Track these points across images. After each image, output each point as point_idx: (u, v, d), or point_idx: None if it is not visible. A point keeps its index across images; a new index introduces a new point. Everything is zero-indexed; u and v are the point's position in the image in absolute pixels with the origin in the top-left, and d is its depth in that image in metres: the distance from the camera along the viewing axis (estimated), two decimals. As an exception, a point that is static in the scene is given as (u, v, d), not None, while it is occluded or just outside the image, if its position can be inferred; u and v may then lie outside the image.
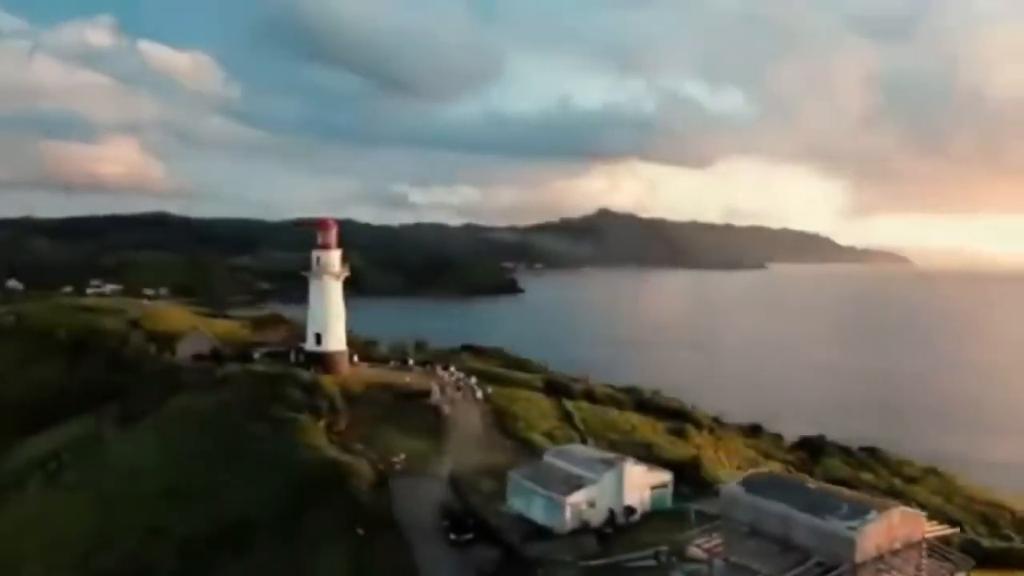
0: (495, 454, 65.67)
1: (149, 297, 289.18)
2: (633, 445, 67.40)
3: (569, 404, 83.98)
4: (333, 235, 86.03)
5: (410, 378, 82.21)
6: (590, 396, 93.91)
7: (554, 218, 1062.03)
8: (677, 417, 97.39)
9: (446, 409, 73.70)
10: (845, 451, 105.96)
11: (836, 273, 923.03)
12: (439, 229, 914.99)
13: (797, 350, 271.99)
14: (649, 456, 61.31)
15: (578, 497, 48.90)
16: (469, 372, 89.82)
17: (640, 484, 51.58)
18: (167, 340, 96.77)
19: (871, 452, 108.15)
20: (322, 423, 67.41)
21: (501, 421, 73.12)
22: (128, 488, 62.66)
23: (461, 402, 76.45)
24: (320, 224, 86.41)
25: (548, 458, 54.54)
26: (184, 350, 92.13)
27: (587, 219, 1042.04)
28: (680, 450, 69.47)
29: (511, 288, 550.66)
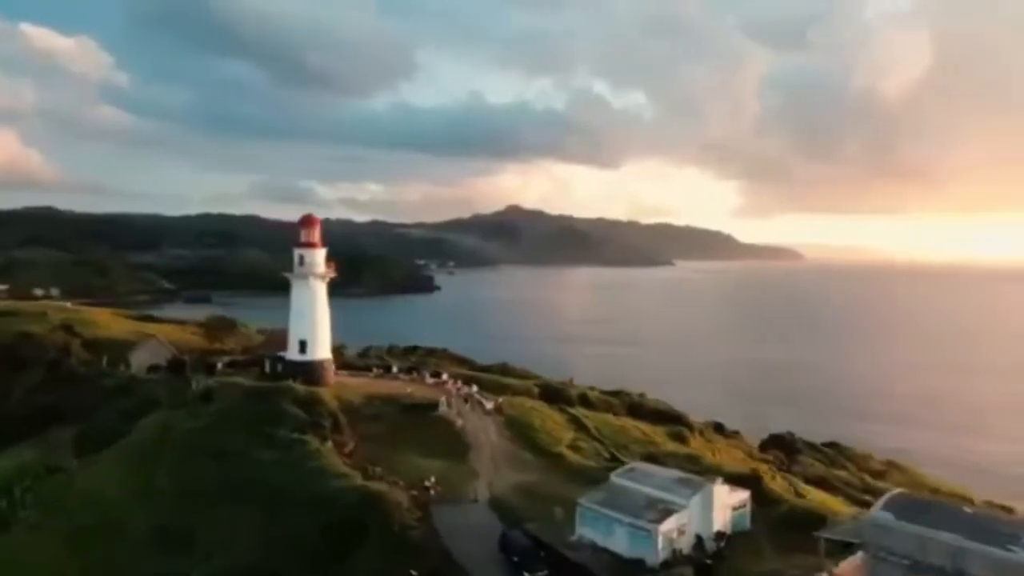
0: (528, 472, 59.81)
1: (38, 298, 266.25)
2: (676, 458, 62.88)
3: (575, 412, 79.12)
4: (318, 232, 77.80)
5: (411, 388, 75.07)
6: (585, 401, 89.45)
7: (465, 215, 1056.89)
8: (670, 420, 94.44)
9: (459, 422, 67.25)
10: (811, 447, 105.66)
11: (738, 269, 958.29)
12: (347, 226, 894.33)
13: (719, 344, 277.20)
14: (702, 471, 56.95)
15: (670, 524, 43.78)
16: (455, 379, 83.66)
17: (724, 505, 47.03)
18: (115, 349, 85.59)
19: (835, 447, 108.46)
20: (330, 444, 59.71)
21: (520, 434, 67.18)
22: (109, 529, 53.21)
23: (471, 414, 70.08)
24: (303, 221, 77.97)
25: (618, 480, 49.14)
26: (139, 361, 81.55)
27: (498, 216, 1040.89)
28: (734, 463, 65.63)
29: (427, 286, 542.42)
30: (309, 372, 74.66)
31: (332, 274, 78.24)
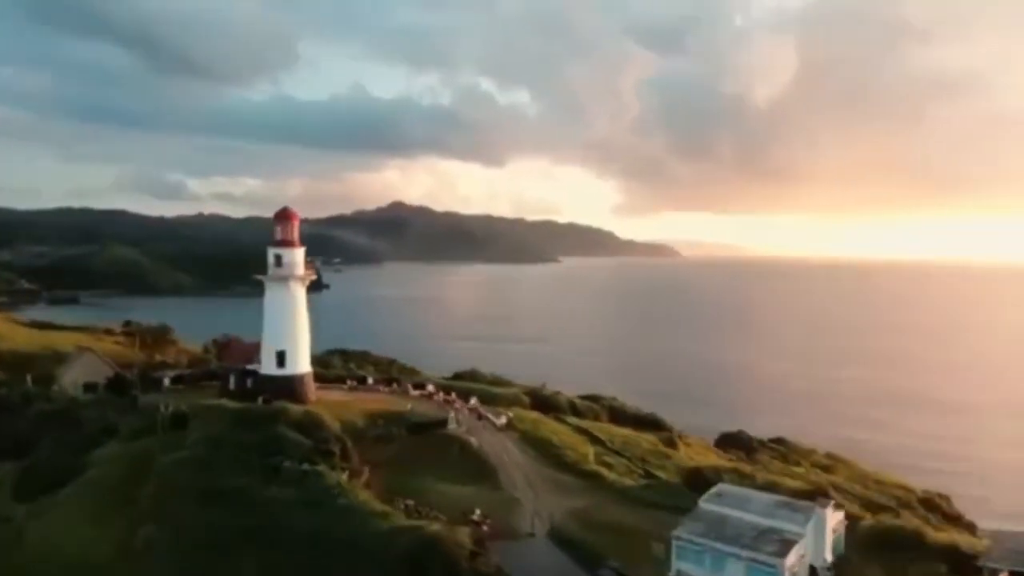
0: (572, 496, 53.83)
1: None
2: (725, 473, 58.65)
3: (580, 423, 73.91)
4: (296, 228, 68.45)
5: (411, 404, 67.17)
6: (573, 409, 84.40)
7: (347, 211, 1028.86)
8: (651, 425, 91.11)
9: (473, 442, 60.34)
10: (761, 444, 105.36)
11: (620, 265, 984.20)
12: (223, 221, 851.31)
13: (613, 338, 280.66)
14: (763, 488, 53.01)
15: (793, 557, 39.20)
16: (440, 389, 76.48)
17: (831, 530, 43.01)
18: (34, 366, 72.43)
19: (780, 442, 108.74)
20: (346, 475, 51.42)
21: (543, 452, 61.09)
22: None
23: (483, 431, 63.27)
24: (279, 216, 68.33)
25: (712, 507, 44.05)
26: (72, 379, 69.18)
27: (382, 212, 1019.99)
28: (792, 478, 62.05)
29: (315, 284, 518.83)
30: (288, 388, 65.34)
31: (312, 276, 69.09)
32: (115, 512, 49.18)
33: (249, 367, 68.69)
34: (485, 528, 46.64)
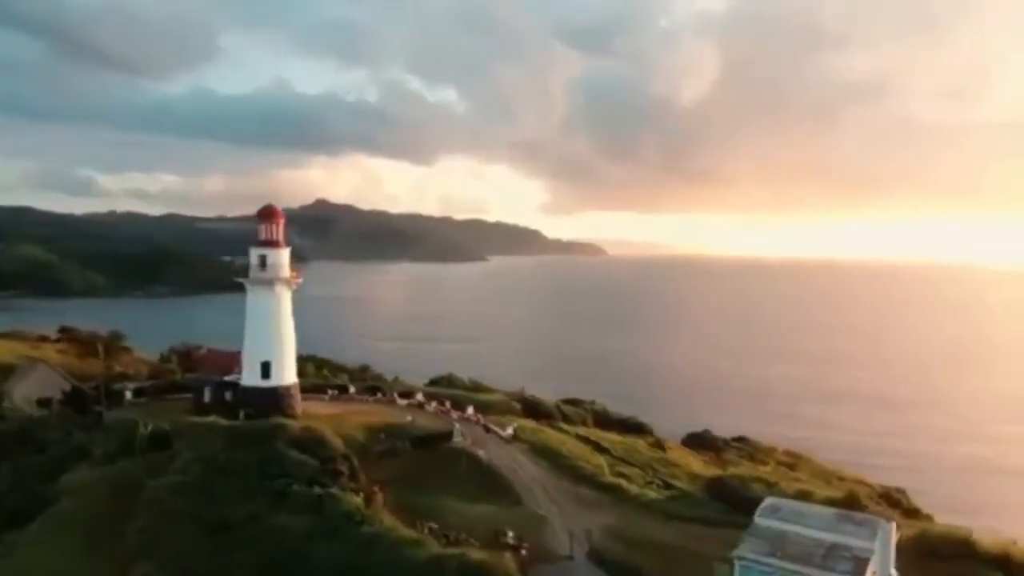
0: (600, 512, 50.75)
1: None
2: (753, 482, 56.71)
3: (581, 431, 71.14)
4: (281, 227, 63.19)
5: (411, 416, 62.79)
6: (563, 415, 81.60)
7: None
8: (634, 429, 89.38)
9: (482, 455, 56.67)
10: (725, 443, 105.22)
11: (548, 264, 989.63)
12: (137, 219, 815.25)
13: (547, 336, 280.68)
14: (798, 498, 51.22)
15: (868, 575, 37.21)
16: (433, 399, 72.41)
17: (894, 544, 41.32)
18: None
19: (742, 441, 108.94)
20: (360, 497, 46.96)
21: (556, 464, 57.88)
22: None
23: (490, 443, 59.60)
24: (264, 213, 62.88)
25: (770, 522, 41.62)
26: (24, 393, 61.97)
27: (307, 211, 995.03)
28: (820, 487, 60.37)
29: (240, 284, 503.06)
30: (274, 401, 60.09)
31: (299, 279, 63.86)
32: (99, 549, 43.44)
33: (227, 379, 63.00)
34: (523, 552, 43.17)
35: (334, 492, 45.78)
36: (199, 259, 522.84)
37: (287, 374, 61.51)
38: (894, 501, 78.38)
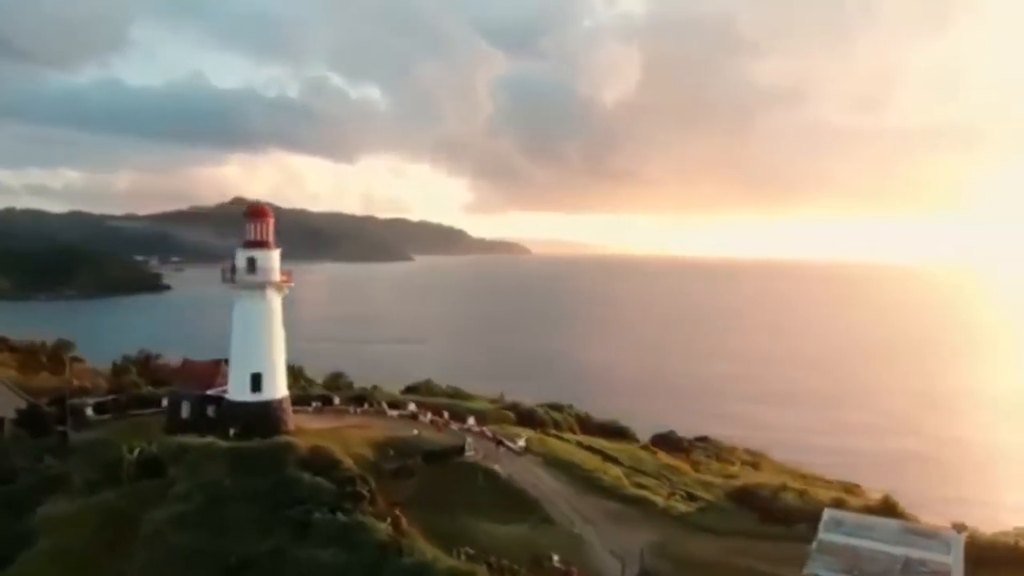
0: (634, 528, 48.09)
1: None
2: (786, 492, 54.88)
3: (584, 440, 68.45)
4: (271, 227, 57.99)
5: (417, 430, 58.52)
6: (554, 422, 78.71)
7: (183, 206, 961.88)
8: (616, 434, 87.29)
9: (499, 470, 53.20)
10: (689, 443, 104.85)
11: (473, 263, 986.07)
12: (39, 217, 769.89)
13: (479, 335, 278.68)
14: (838, 506, 49.77)
15: (951, 592, 35.73)
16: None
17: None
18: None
19: (705, 440, 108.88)
20: (389, 524, 42.80)
21: (576, 477, 54.91)
22: None
23: (503, 457, 56.10)
24: (252, 212, 57.56)
25: (836, 537, 39.68)
26: (-27, 416, 54.78)
27: (223, 209, 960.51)
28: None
29: (155, 285, 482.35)
30: (265, 417, 54.83)
31: (290, 284, 58.75)
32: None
33: (210, 393, 57.40)
34: (574, 578, 40.09)
35: (362, 519, 41.53)
36: (109, 259, 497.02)
37: (279, 387, 56.38)
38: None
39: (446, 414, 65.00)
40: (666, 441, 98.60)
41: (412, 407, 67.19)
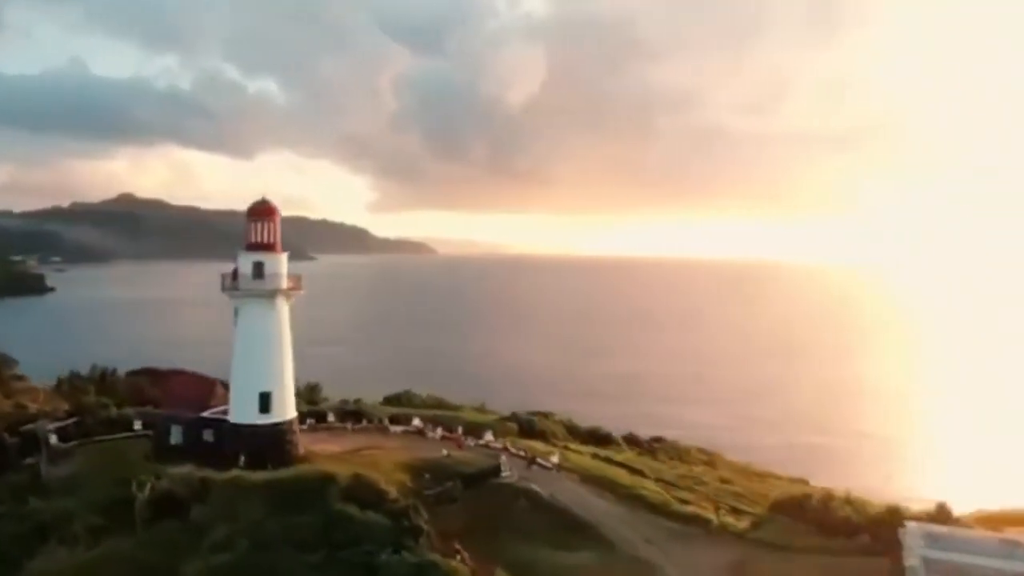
0: (702, 550, 45.11)
1: None
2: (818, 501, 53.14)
3: (597, 451, 65.27)
4: (278, 226, 51.73)
5: (447, 450, 53.50)
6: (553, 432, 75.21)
7: (63, 203, 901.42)
8: (602, 440, 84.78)
9: (539, 490, 49.31)
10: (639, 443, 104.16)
11: (381, 262, 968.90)
12: None
13: (406, 336, 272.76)
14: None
15: (1072, 609, 34.57)
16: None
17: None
18: None
19: (660, 441, 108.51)
20: (460, 560, 38.24)
21: (621, 495, 51.54)
22: None
23: (539, 476, 52.17)
24: (257, 210, 51.09)
25: (937, 553, 38.04)
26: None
27: (108, 206, 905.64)
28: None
29: (36, 287, 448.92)
30: (276, 441, 48.81)
31: (300, 290, 52.64)
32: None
33: (207, 415, 50.74)
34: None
35: (432, 558, 36.80)
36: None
37: (289, 407, 50.37)
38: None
39: (460, 429, 60.28)
40: (629, 442, 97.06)
41: (417, 422, 62.08)
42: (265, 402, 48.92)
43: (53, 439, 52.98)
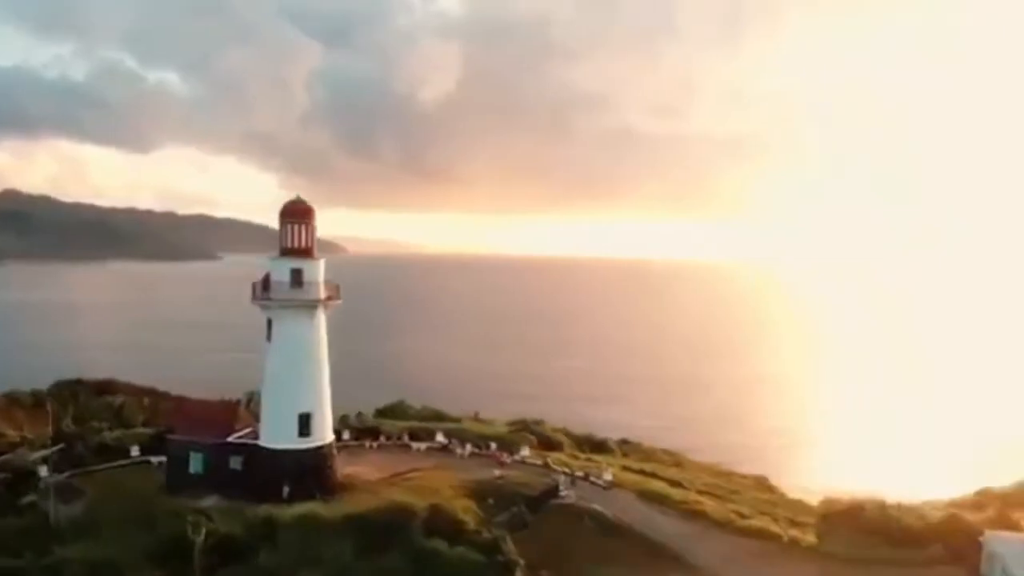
0: (780, 567, 43.34)
1: None
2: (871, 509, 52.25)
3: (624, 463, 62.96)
4: (315, 230, 46.61)
5: (499, 471, 49.65)
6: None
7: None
8: (600, 448, 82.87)
9: (601, 509, 46.52)
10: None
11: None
12: None
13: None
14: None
15: None
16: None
17: None
18: None
19: (627, 443, 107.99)
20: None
21: (677, 510, 49.27)
22: None
23: (594, 493, 49.32)
24: (292, 210, 45.75)
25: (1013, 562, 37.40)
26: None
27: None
28: None
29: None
30: (317, 467, 44.11)
31: (338, 301, 47.60)
32: None
33: (234, 439, 45.39)
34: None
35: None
36: None
37: (328, 429, 45.64)
38: (768, 489, 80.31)
39: (493, 445, 56.64)
40: (593, 442, 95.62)
41: (441, 438, 58.04)
42: (305, 424, 44.08)
43: (43, 471, 46.39)
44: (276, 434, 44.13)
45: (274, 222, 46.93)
